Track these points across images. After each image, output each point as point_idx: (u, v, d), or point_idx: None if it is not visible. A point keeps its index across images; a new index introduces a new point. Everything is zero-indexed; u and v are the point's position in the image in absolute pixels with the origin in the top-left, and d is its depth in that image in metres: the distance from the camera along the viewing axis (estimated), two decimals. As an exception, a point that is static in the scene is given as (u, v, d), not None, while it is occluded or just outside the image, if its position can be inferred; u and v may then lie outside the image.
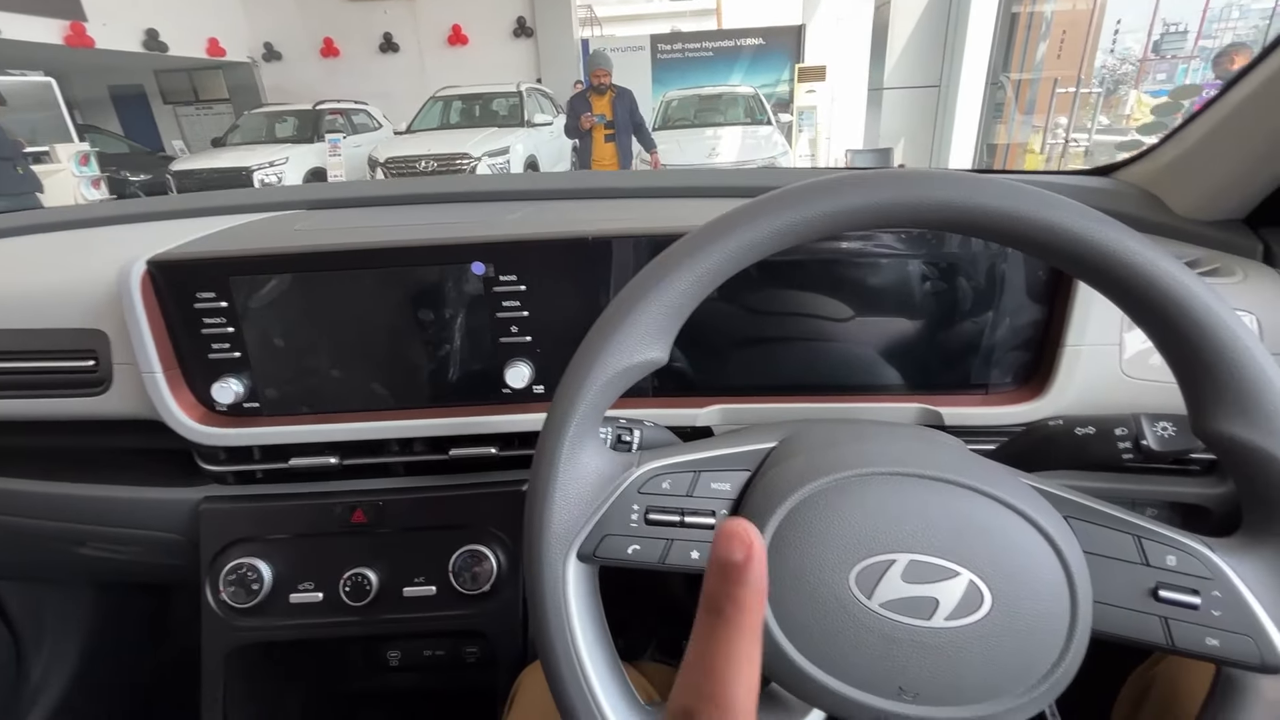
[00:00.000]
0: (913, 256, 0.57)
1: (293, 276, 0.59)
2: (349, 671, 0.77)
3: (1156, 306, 0.33)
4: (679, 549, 0.37)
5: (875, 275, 0.58)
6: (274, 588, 0.62)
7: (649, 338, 0.37)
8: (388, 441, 0.63)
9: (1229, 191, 0.59)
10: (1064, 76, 5.78)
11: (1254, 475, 0.34)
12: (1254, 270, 0.56)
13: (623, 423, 0.51)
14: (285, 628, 0.62)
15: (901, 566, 0.33)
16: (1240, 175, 0.58)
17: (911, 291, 0.58)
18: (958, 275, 0.57)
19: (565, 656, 0.35)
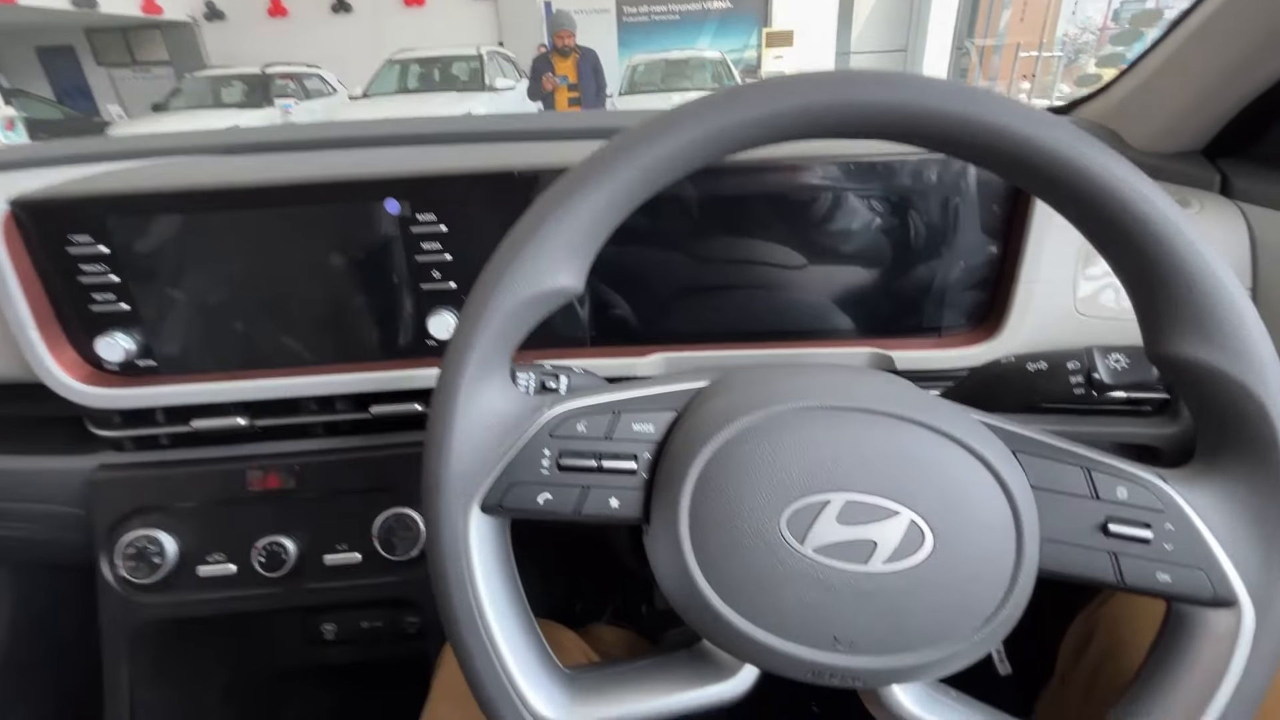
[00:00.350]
0: (863, 191, 0.53)
1: (183, 218, 0.52)
2: (280, 648, 0.73)
3: (1113, 218, 0.30)
4: (596, 496, 0.33)
5: (824, 213, 0.55)
6: (180, 561, 0.57)
7: (559, 262, 0.32)
8: (304, 401, 0.58)
9: (1185, 124, 0.57)
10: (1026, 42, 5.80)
11: (1210, 399, 0.31)
12: (1211, 201, 0.54)
13: (547, 368, 0.47)
14: (195, 603, 0.57)
15: (837, 508, 0.30)
16: (1196, 107, 0.56)
17: (862, 230, 0.55)
18: (909, 211, 0.54)
19: (466, 617, 0.32)
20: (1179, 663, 0.32)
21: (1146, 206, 0.30)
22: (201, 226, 0.53)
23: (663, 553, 0.32)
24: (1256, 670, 0.30)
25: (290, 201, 0.52)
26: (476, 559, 0.32)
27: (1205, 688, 0.31)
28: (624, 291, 0.58)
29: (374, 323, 0.57)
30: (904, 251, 0.55)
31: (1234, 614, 0.31)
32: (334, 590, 0.58)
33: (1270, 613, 0.30)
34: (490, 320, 0.32)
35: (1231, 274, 0.30)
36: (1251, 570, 0.30)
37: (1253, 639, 0.30)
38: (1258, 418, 0.30)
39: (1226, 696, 0.30)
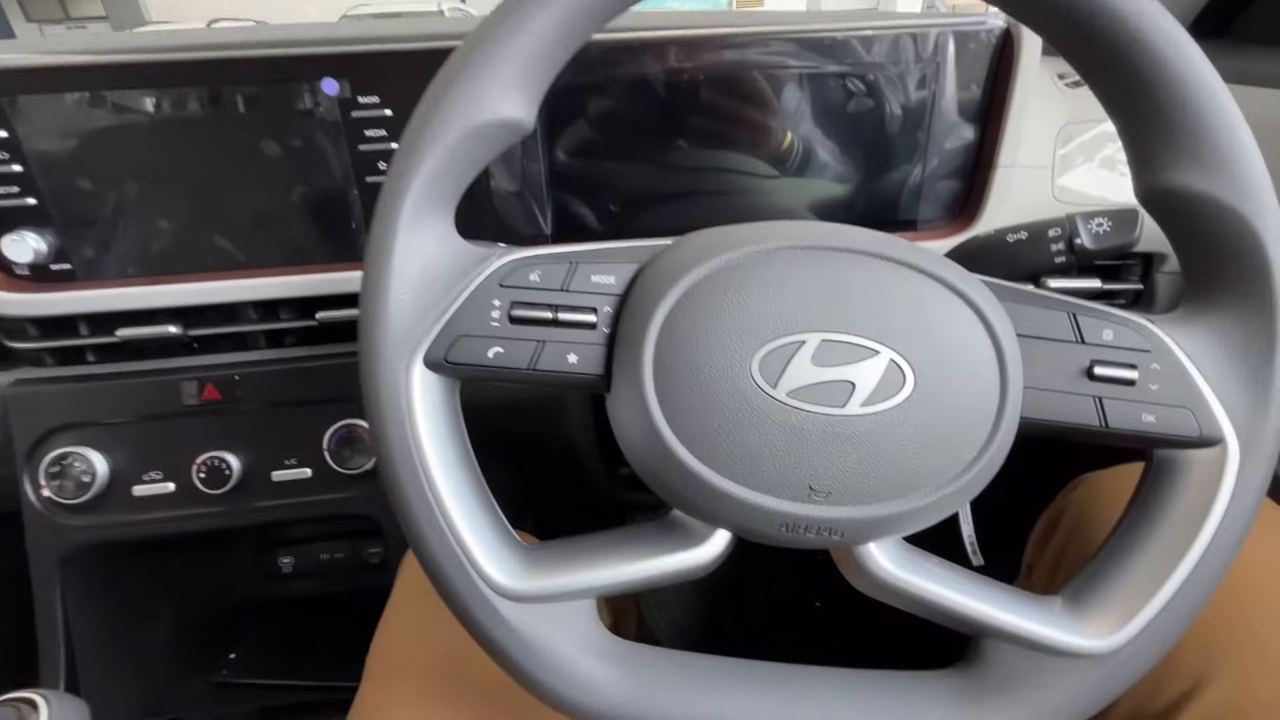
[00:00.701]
0: (836, 75, 0.50)
1: (91, 97, 0.47)
2: (234, 581, 0.69)
3: (1104, 32, 0.28)
4: (553, 351, 0.30)
5: (796, 103, 0.51)
6: (112, 480, 0.53)
7: (505, 89, 0.29)
8: (242, 307, 0.54)
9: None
10: None
11: (1202, 233, 0.30)
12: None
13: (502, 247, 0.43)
14: (131, 524, 0.53)
15: (812, 348, 0.28)
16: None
17: (835, 120, 0.52)
18: (884, 95, 0.51)
19: (411, 479, 0.29)
20: (1158, 512, 0.31)
21: (1143, 18, 0.27)
22: (117, 109, 0.47)
23: (626, 411, 0.30)
24: (1239, 509, 0.29)
25: (215, 79, 0.47)
26: (421, 418, 0.29)
27: (1185, 533, 0.30)
28: (586, 188, 0.54)
29: (317, 220, 0.52)
30: (878, 140, 0.52)
31: (1219, 452, 0.30)
32: (284, 507, 0.55)
33: (1255, 448, 0.29)
34: (428, 153, 0.29)
35: (1230, 97, 0.28)
36: (1238, 406, 0.29)
37: (1236, 476, 0.29)
38: (1252, 249, 0.29)
39: (1207, 539, 0.29)
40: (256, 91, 0.48)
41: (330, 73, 0.48)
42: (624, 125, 0.52)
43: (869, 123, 0.52)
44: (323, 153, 0.50)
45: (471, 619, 0.30)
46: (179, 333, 0.52)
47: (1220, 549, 0.29)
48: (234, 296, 0.52)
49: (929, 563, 0.32)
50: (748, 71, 0.50)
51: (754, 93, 0.51)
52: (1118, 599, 0.30)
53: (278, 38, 0.47)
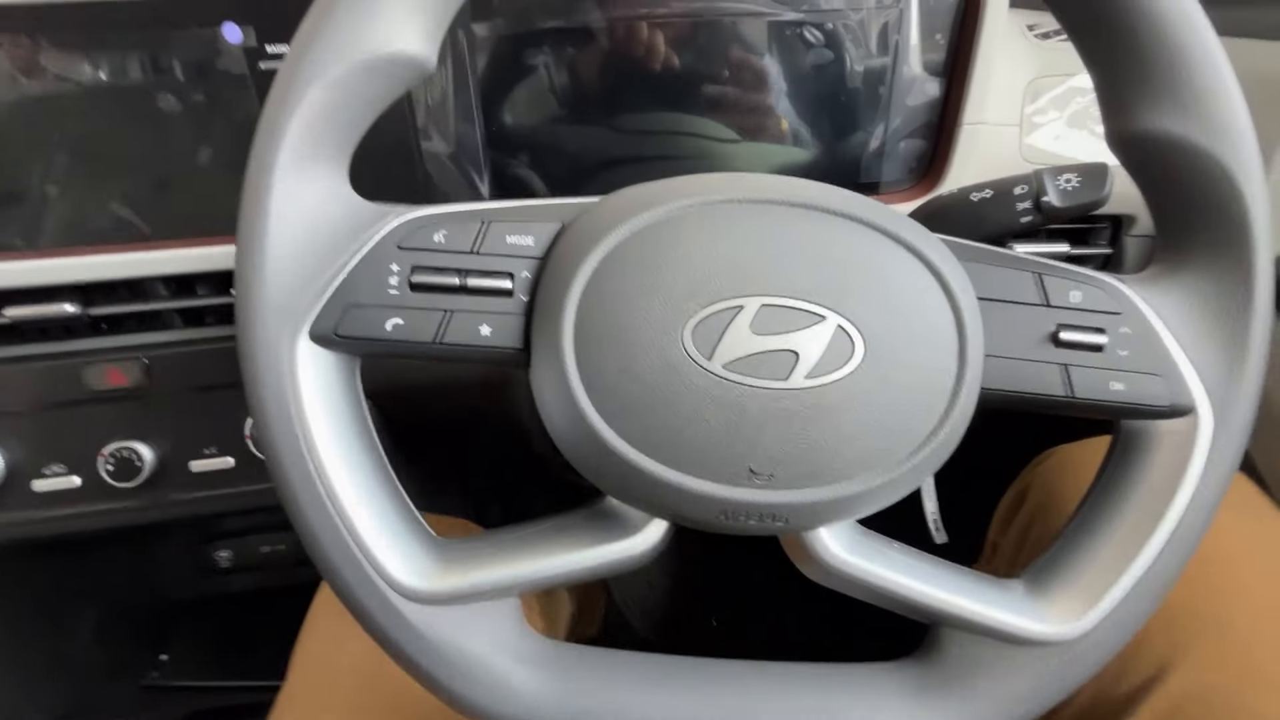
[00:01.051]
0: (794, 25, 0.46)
1: (-45, 44, 0.41)
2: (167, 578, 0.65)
3: None
4: (462, 322, 0.27)
5: (752, 51, 0.48)
6: (9, 474, 0.48)
7: (397, 18, 0.25)
8: (151, 283, 0.49)
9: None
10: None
11: (1179, 183, 0.27)
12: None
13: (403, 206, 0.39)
14: (32, 522, 0.49)
15: (750, 314, 0.25)
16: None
17: (794, 71, 0.48)
18: (843, 44, 0.47)
19: (296, 467, 0.25)
20: (1125, 487, 0.29)
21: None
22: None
23: (548, 387, 0.27)
24: (1210, 483, 0.27)
25: (98, 25, 0.42)
26: (308, 399, 0.25)
27: (1153, 510, 0.28)
28: (529, 152, 0.50)
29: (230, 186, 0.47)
30: (838, 95, 0.49)
31: (1190, 423, 0.27)
32: (206, 500, 0.51)
33: (1229, 417, 0.27)
34: (308, 89, 0.25)
35: (1214, 33, 0.26)
36: (1212, 372, 0.27)
37: (1209, 448, 0.27)
38: (1230, 199, 0.26)
39: (1177, 515, 0.27)
40: (148, 39, 0.43)
41: (231, 16, 0.43)
42: (566, 81, 0.48)
43: (829, 76, 0.48)
44: (231, 109, 0.45)
45: (375, 625, 0.26)
46: (77, 312, 0.47)
47: (1190, 526, 0.27)
48: (139, 271, 0.47)
49: (884, 547, 0.30)
50: (699, 17, 0.46)
51: (707, 40, 0.47)
52: (1081, 582, 0.28)
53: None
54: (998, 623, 0.28)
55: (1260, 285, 0.26)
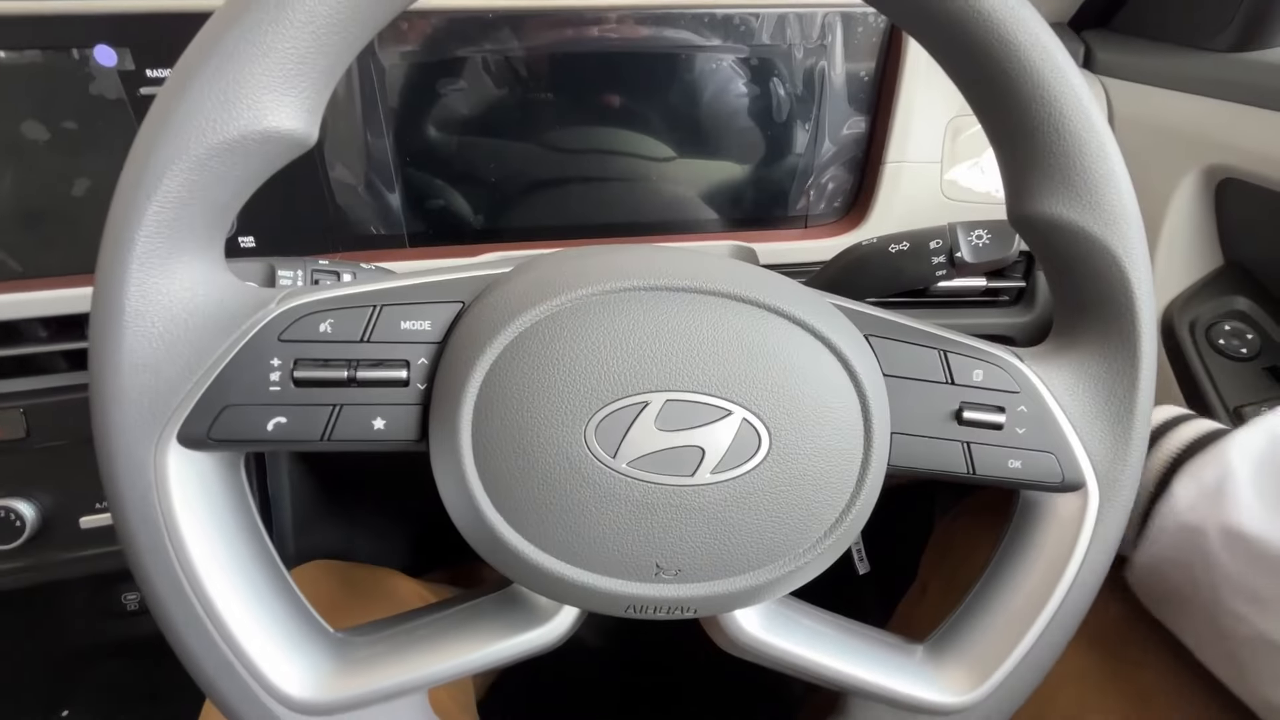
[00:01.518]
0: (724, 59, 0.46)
1: None
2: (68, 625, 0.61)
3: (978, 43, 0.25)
4: (353, 417, 0.25)
5: (681, 88, 0.47)
6: None
7: (267, 87, 0.22)
8: (28, 325, 0.45)
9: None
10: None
11: (1070, 266, 0.28)
12: (1075, 76, 0.51)
13: (323, 264, 0.37)
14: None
15: (655, 410, 0.24)
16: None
17: (723, 108, 0.48)
18: (772, 78, 0.47)
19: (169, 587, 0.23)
20: (1022, 554, 0.30)
21: (1021, 32, 0.24)
22: None
23: (446, 482, 0.25)
24: (1098, 552, 0.29)
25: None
26: (177, 508, 0.23)
27: (1043, 584, 0.29)
28: (449, 180, 0.48)
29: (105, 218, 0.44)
30: (767, 128, 0.48)
31: (1080, 497, 0.28)
32: (98, 558, 0.47)
33: (1114, 493, 0.28)
34: (162, 174, 0.22)
35: (1106, 125, 0.26)
36: (1100, 451, 0.28)
37: (1095, 521, 0.28)
38: (1119, 285, 0.27)
39: (1064, 590, 0.29)
40: (14, 61, 0.39)
41: (105, 39, 0.39)
42: (484, 106, 0.46)
43: (756, 108, 0.48)
44: (108, 139, 0.41)
45: None
46: (-60, 359, 0.43)
47: (1077, 598, 0.28)
48: (11, 313, 0.43)
49: (797, 618, 0.30)
50: (623, 47, 0.45)
51: (631, 70, 0.46)
52: (977, 652, 0.29)
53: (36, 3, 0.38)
54: (896, 693, 0.29)
55: (1144, 369, 0.27)
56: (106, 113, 0.41)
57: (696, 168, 0.49)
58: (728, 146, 0.49)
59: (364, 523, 0.68)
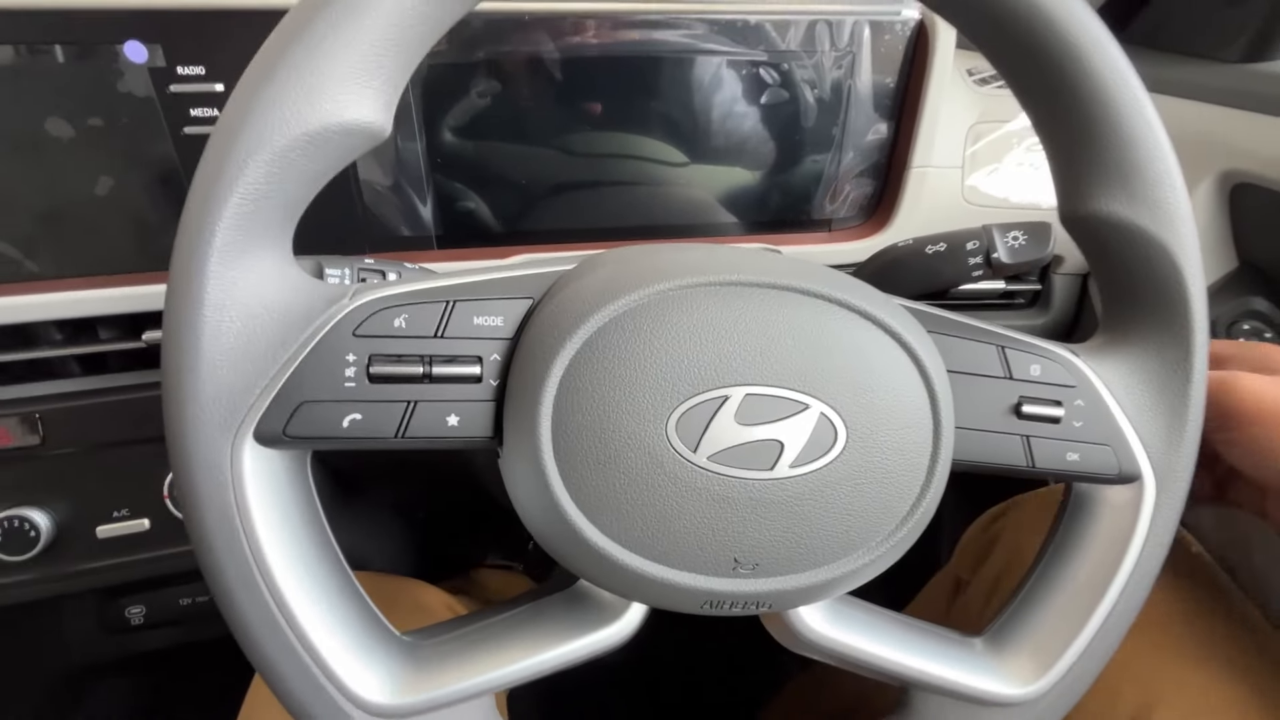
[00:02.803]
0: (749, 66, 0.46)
1: None
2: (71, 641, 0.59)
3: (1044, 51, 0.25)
4: (428, 413, 0.25)
5: (706, 92, 0.47)
6: None
7: (346, 81, 0.22)
8: (42, 328, 0.43)
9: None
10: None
11: (1126, 263, 0.28)
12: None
13: (369, 263, 0.36)
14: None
15: (735, 404, 0.24)
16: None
17: (747, 113, 0.48)
18: (798, 89, 0.48)
19: (248, 594, 0.23)
20: (1078, 544, 0.31)
21: (1075, 26, 0.25)
22: None
23: (522, 478, 0.25)
24: (1153, 547, 0.29)
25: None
26: (254, 508, 0.23)
27: (1103, 573, 0.29)
28: (476, 181, 0.48)
29: (134, 221, 0.43)
30: (792, 133, 0.49)
31: (1136, 489, 0.29)
32: (115, 568, 0.46)
33: (1170, 485, 0.29)
34: (243, 167, 0.22)
35: (1162, 126, 0.27)
36: (1156, 443, 0.29)
37: (1151, 514, 0.29)
38: (1174, 281, 0.28)
39: (1124, 579, 0.29)
40: (39, 57, 0.38)
41: (136, 35, 0.38)
42: (515, 109, 0.46)
43: (782, 114, 0.48)
44: (135, 136, 0.40)
45: None
46: (-49, 363, 0.41)
47: (1136, 587, 0.29)
48: (26, 316, 0.42)
49: (859, 615, 0.30)
50: (654, 52, 0.45)
51: (660, 76, 0.46)
52: (1039, 642, 0.29)
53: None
54: (961, 685, 0.29)
55: (1198, 362, 0.28)
56: (134, 110, 0.40)
57: (722, 172, 0.50)
58: (754, 151, 0.49)
59: (369, 533, 0.66)
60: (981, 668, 0.29)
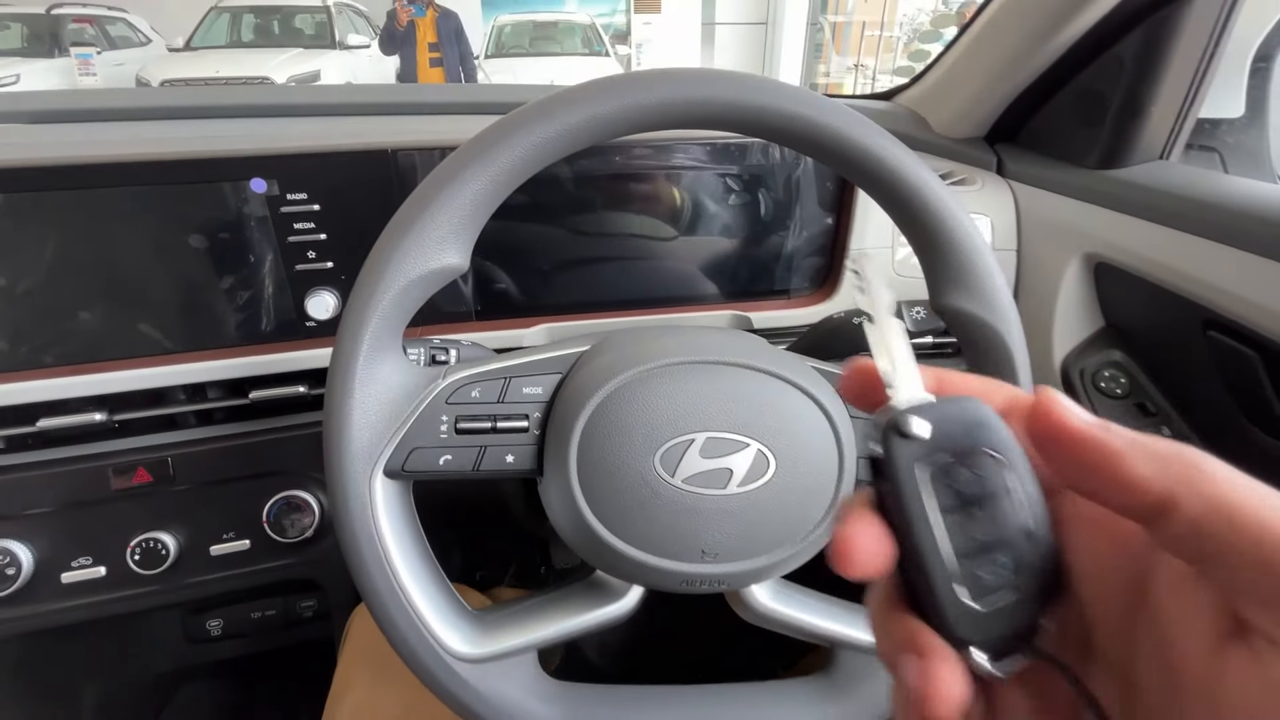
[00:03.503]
0: (722, 170, 0.60)
1: (11, 198, 0.48)
2: (159, 650, 0.70)
3: (901, 198, 0.38)
4: (493, 454, 0.37)
5: (689, 192, 0.60)
6: (38, 569, 0.53)
7: (445, 242, 0.35)
8: (171, 390, 0.56)
9: (971, 112, 0.68)
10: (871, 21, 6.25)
11: (974, 339, 0.41)
12: (990, 180, 0.66)
13: (436, 342, 0.49)
14: (59, 612, 0.54)
15: (700, 444, 0.36)
16: (978, 99, 0.68)
17: (721, 206, 0.61)
18: (761, 188, 0.61)
19: (380, 574, 0.34)
20: None
21: (925, 189, 0.38)
22: (41, 207, 0.48)
23: (556, 498, 0.37)
24: None
25: (142, 180, 0.49)
26: (384, 520, 0.35)
27: None
28: (507, 266, 0.61)
29: (245, 306, 0.55)
30: (757, 224, 0.62)
31: None
32: (222, 580, 0.57)
33: None
34: (382, 298, 0.34)
35: (983, 238, 0.39)
36: None
37: None
38: (1003, 353, 0.40)
39: None
40: (187, 190, 0.51)
41: (259, 173, 0.51)
42: (546, 214, 0.59)
43: (749, 209, 0.62)
44: (251, 244, 0.53)
45: (437, 683, 0.36)
46: (104, 419, 0.53)
47: None
48: (162, 382, 0.54)
49: (797, 594, 0.42)
50: (651, 170, 0.58)
51: (656, 188, 0.59)
52: None
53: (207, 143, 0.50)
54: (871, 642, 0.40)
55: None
56: (254, 226, 0.53)
57: (702, 254, 0.63)
58: (727, 237, 0.62)
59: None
60: None
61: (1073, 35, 0.57)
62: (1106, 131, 0.57)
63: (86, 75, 5.43)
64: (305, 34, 5.97)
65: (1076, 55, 0.60)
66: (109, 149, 0.49)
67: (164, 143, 0.50)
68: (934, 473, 0.17)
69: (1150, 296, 0.52)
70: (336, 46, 5.79)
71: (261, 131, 0.55)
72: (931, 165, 0.49)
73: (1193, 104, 0.56)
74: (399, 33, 4.22)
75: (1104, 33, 0.57)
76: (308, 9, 6.09)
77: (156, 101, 0.70)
